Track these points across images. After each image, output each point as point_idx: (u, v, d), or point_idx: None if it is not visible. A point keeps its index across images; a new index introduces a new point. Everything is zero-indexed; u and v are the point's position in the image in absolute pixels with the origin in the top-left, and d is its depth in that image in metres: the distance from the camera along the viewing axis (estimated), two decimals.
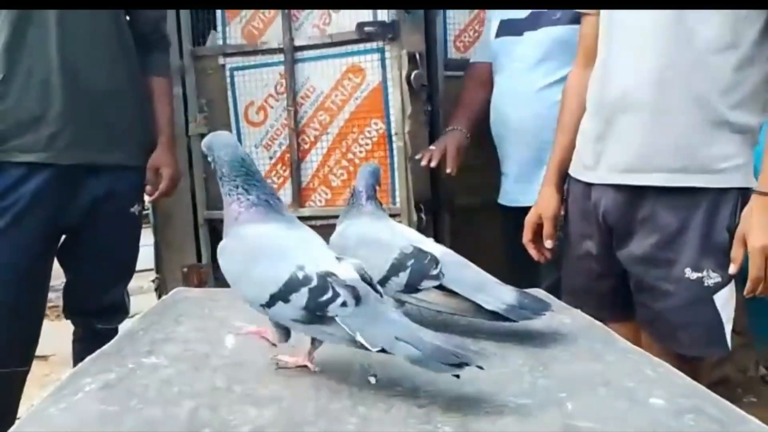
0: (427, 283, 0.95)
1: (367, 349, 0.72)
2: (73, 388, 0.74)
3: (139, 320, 1.01)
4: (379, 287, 0.80)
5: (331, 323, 0.75)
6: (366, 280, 0.79)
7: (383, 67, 1.89)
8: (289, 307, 0.76)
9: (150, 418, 0.67)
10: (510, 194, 1.83)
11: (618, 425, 0.65)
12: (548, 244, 1.40)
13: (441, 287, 0.95)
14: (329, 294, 0.75)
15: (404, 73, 1.85)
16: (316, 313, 0.75)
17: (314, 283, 0.76)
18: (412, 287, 0.95)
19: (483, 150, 1.89)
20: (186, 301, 1.10)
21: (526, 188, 1.74)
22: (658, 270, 1.22)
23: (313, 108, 1.96)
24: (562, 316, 1.00)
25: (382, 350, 0.72)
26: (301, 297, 0.76)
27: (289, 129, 1.96)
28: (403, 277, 0.95)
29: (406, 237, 1.03)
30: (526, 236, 1.43)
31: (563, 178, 1.42)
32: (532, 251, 1.43)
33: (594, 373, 0.79)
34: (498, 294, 0.93)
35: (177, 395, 0.73)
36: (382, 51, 1.89)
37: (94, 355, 0.85)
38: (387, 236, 1.02)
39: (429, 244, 1.01)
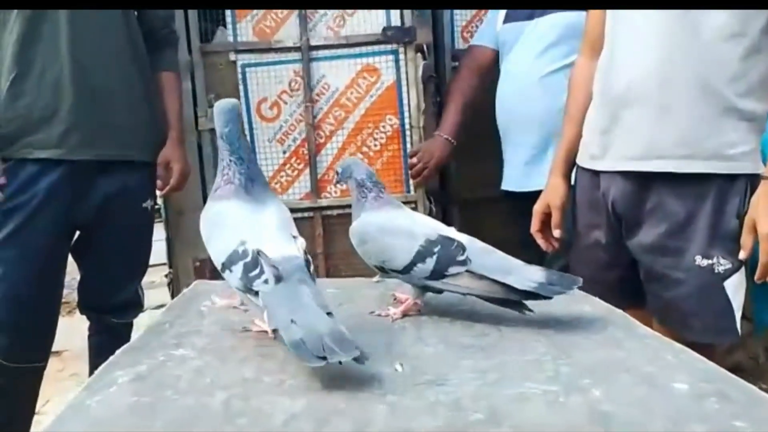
0: (454, 269, 0.95)
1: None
2: (106, 380, 0.75)
3: (164, 314, 1.02)
4: (312, 272, 0.84)
5: (257, 297, 0.81)
6: (307, 262, 0.84)
7: (397, 67, 2.00)
8: (233, 276, 0.84)
9: (185, 409, 0.68)
10: (514, 179, 1.84)
11: (644, 410, 0.65)
12: (556, 233, 1.40)
13: (468, 273, 0.95)
14: (257, 270, 0.81)
15: (420, 73, 1.96)
16: (247, 286, 0.82)
17: (248, 258, 0.83)
18: (439, 273, 0.96)
19: (488, 142, 1.91)
20: (207, 295, 1.10)
21: (530, 172, 1.76)
22: (668, 258, 1.22)
23: (329, 104, 2.03)
24: (581, 303, 1.01)
25: (275, 330, 0.77)
26: (238, 269, 0.83)
27: (307, 124, 2.02)
28: (429, 263, 0.96)
29: (429, 225, 1.04)
30: (534, 226, 1.43)
31: (571, 167, 1.42)
32: (540, 241, 1.43)
33: (616, 359, 0.80)
34: (527, 274, 0.94)
35: (209, 386, 0.74)
36: (396, 53, 2.00)
37: (123, 348, 0.85)
38: (410, 224, 1.02)
39: (452, 232, 1.02)
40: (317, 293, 0.80)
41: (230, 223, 0.90)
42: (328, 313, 0.76)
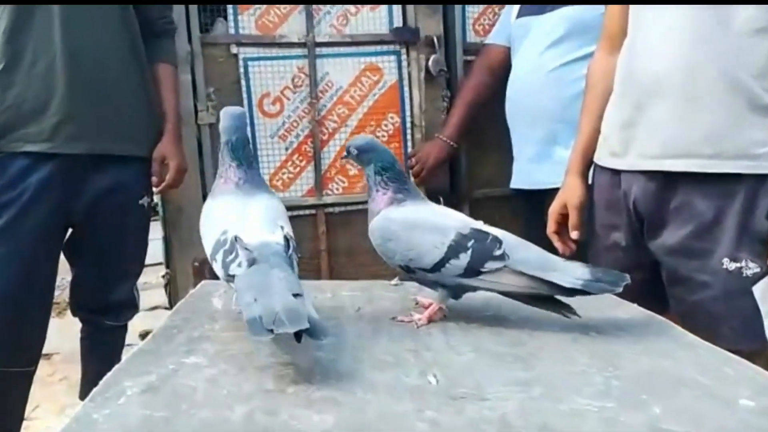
0: (491, 265, 0.90)
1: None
2: (114, 391, 0.68)
3: (171, 318, 0.96)
4: (292, 257, 0.84)
5: (233, 281, 0.82)
6: (288, 248, 0.85)
7: (399, 67, 2.04)
8: (218, 266, 0.86)
9: (203, 424, 0.62)
10: (523, 176, 1.83)
11: (712, 430, 0.60)
12: (574, 235, 1.36)
13: (506, 269, 0.90)
14: (233, 255, 0.83)
15: (423, 75, 2.02)
16: (225, 272, 0.84)
17: (227, 246, 0.85)
18: (474, 270, 0.90)
19: (499, 140, 1.90)
20: (215, 297, 1.05)
21: (536, 169, 1.74)
22: (694, 261, 1.18)
23: (332, 102, 2.04)
24: (615, 309, 0.96)
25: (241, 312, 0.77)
26: (220, 258, 0.85)
27: (312, 120, 2.01)
28: (463, 259, 0.90)
29: (458, 218, 0.98)
30: (551, 227, 1.39)
31: (588, 165, 1.38)
32: (557, 243, 1.38)
33: (667, 370, 0.75)
34: (570, 270, 0.89)
35: (227, 398, 0.67)
36: (398, 53, 2.05)
37: (130, 355, 0.79)
38: (438, 218, 0.96)
39: (483, 226, 0.96)
40: (289, 276, 0.79)
41: (218, 215, 0.92)
42: (296, 295, 0.74)
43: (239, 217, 0.90)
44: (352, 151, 1.00)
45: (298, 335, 0.71)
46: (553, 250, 1.39)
